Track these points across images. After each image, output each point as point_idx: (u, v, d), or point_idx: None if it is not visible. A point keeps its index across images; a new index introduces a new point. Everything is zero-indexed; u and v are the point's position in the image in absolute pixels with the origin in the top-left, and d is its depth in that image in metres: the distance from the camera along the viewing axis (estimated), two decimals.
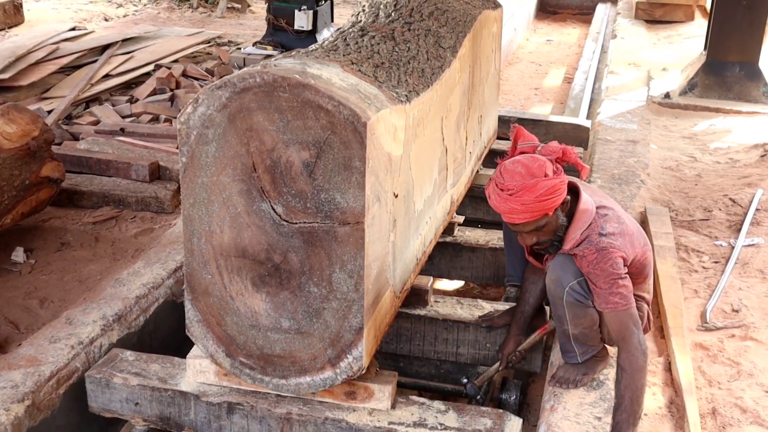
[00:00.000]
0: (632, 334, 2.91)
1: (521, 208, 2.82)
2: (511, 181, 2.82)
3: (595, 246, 2.87)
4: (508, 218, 2.89)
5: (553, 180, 2.83)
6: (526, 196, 2.80)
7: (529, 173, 2.82)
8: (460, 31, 4.07)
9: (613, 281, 2.87)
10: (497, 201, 2.87)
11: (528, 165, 2.84)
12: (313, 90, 2.57)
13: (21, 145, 4.10)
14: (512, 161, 2.89)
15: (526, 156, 2.91)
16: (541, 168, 2.83)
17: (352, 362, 2.81)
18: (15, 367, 3.16)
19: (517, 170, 2.84)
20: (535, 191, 2.80)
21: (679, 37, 9.90)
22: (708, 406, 3.13)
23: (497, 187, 2.86)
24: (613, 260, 2.86)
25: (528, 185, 2.80)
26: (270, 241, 2.75)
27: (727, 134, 6.39)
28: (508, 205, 2.83)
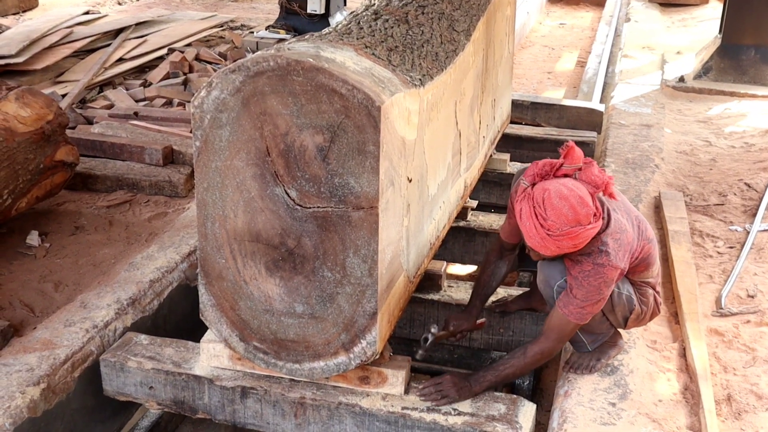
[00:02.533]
0: (557, 340, 2.93)
1: (555, 249, 2.74)
2: (556, 222, 2.68)
3: (593, 260, 2.81)
4: (535, 247, 2.78)
5: (594, 229, 2.72)
6: (566, 242, 2.71)
7: (576, 220, 2.68)
8: (473, 14, 4.04)
9: (588, 298, 2.83)
10: (532, 232, 2.74)
11: (577, 210, 2.68)
12: (327, 74, 2.56)
13: (35, 129, 4.11)
14: (559, 196, 2.69)
15: (575, 194, 2.70)
16: (588, 217, 2.70)
17: (366, 347, 2.81)
18: (30, 351, 3.18)
19: (563, 211, 2.68)
20: (576, 240, 2.71)
21: (694, 20, 9.80)
22: (723, 393, 3.11)
23: (536, 218, 2.72)
24: (604, 280, 2.82)
25: (572, 233, 2.69)
26: (284, 225, 2.74)
27: (742, 118, 6.33)
28: (543, 243, 2.73)
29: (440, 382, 3.00)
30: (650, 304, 3.11)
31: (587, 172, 2.80)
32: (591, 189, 2.77)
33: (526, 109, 6.40)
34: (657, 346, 3.37)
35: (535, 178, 2.83)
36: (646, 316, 3.13)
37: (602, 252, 2.80)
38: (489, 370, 3.01)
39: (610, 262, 2.81)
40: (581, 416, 2.91)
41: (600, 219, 2.76)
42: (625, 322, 3.09)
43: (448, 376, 3.02)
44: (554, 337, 2.93)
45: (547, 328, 2.95)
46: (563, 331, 2.93)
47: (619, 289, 3.00)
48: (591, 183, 2.78)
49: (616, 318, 3.07)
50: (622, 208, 2.98)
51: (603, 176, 2.80)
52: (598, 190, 2.78)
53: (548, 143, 5.57)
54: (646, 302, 3.09)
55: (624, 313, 3.06)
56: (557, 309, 2.90)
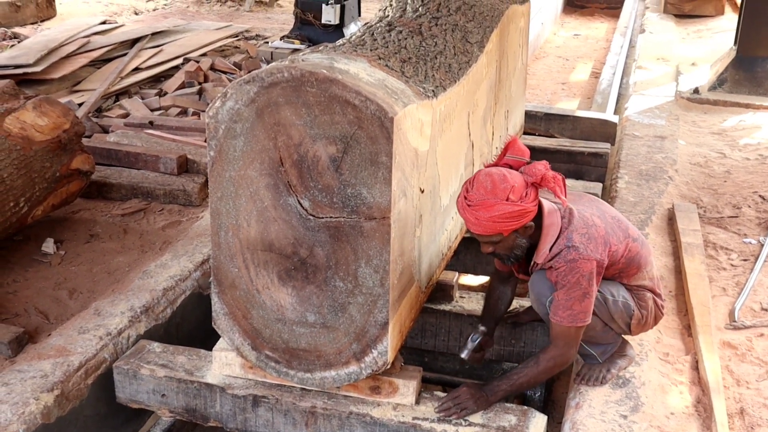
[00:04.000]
0: (562, 345, 2.93)
1: (474, 221, 2.80)
2: (475, 193, 2.78)
3: (563, 259, 2.86)
4: (466, 225, 2.88)
5: (513, 206, 2.77)
6: (482, 213, 2.77)
7: (493, 192, 2.76)
8: (487, 26, 4.06)
9: (572, 296, 2.85)
10: (459, 206, 2.85)
11: (496, 183, 2.77)
12: (341, 85, 2.58)
13: (52, 138, 4.15)
14: (487, 172, 2.83)
15: (500, 172, 2.81)
16: (506, 190, 2.76)
17: (377, 357, 2.82)
18: (45, 357, 3.21)
19: (484, 184, 2.78)
20: (490, 211, 2.76)
21: (709, 31, 9.78)
22: (736, 406, 3.10)
23: (464, 191, 2.83)
24: (581, 273, 2.84)
25: (486, 203, 2.76)
26: (296, 235, 2.76)
27: (757, 130, 6.31)
28: (465, 213, 2.82)
29: (458, 395, 3.00)
30: (650, 308, 3.10)
31: (531, 166, 2.87)
32: (528, 179, 2.83)
33: (540, 120, 6.39)
34: (669, 358, 3.36)
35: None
36: (648, 320, 3.12)
37: (569, 248, 2.85)
38: (503, 380, 3.02)
39: (581, 255, 2.84)
40: (592, 428, 2.90)
41: (529, 202, 2.80)
42: (629, 329, 3.09)
43: (465, 388, 3.03)
44: (561, 344, 2.94)
45: (552, 338, 2.97)
46: (568, 336, 2.93)
47: (614, 296, 3.01)
48: (531, 174, 2.84)
49: (618, 326, 3.07)
50: (594, 210, 3.01)
51: (544, 170, 2.84)
52: (534, 179, 2.82)
53: (561, 154, 5.57)
54: (645, 306, 3.08)
55: (624, 319, 3.06)
56: (551, 319, 2.92)
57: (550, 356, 2.95)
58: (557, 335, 2.94)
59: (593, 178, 5.48)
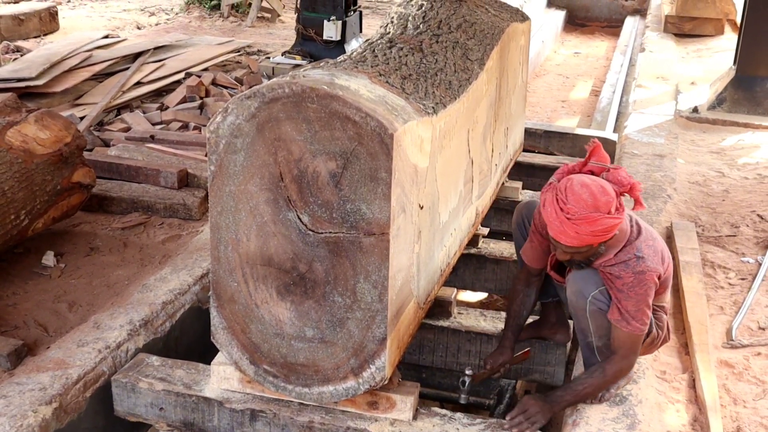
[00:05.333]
0: (632, 354, 2.98)
1: (573, 235, 2.77)
2: (575, 206, 2.74)
3: (632, 269, 2.85)
4: (555, 235, 2.83)
5: (614, 219, 2.76)
6: (584, 227, 2.74)
7: (595, 206, 2.73)
8: (487, 43, 4.09)
9: (641, 307, 2.88)
10: (552, 217, 2.80)
11: (597, 196, 2.74)
12: (341, 101, 2.60)
13: (54, 151, 4.17)
14: (581, 183, 2.78)
15: (597, 184, 2.78)
16: (608, 204, 2.75)
17: (375, 372, 2.82)
18: (43, 370, 3.21)
19: (583, 197, 2.74)
20: (594, 225, 2.74)
21: (709, 51, 9.83)
22: (733, 425, 3.10)
23: (557, 203, 2.78)
24: (648, 285, 2.87)
25: (590, 218, 2.73)
26: (295, 250, 2.77)
27: (756, 150, 6.33)
28: (563, 227, 2.77)
29: (526, 408, 2.98)
30: (664, 329, 3.14)
31: (614, 173, 2.87)
32: (616, 188, 2.83)
33: (540, 137, 6.43)
34: (666, 376, 3.37)
35: (562, 175, 2.91)
36: (658, 341, 3.15)
37: (639, 258, 2.86)
38: (567, 391, 3.03)
39: (649, 267, 2.86)
40: None
41: (622, 213, 2.80)
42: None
43: (531, 400, 3.01)
44: (628, 352, 2.97)
45: (618, 347, 2.96)
46: (634, 345, 2.96)
47: None
48: (617, 183, 2.84)
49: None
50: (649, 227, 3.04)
51: (630, 178, 2.86)
52: (623, 189, 2.83)
53: None
54: (661, 326, 3.12)
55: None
56: (621, 330, 2.91)
57: (618, 368, 2.98)
58: (624, 343, 2.94)
59: None
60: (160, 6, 11.90)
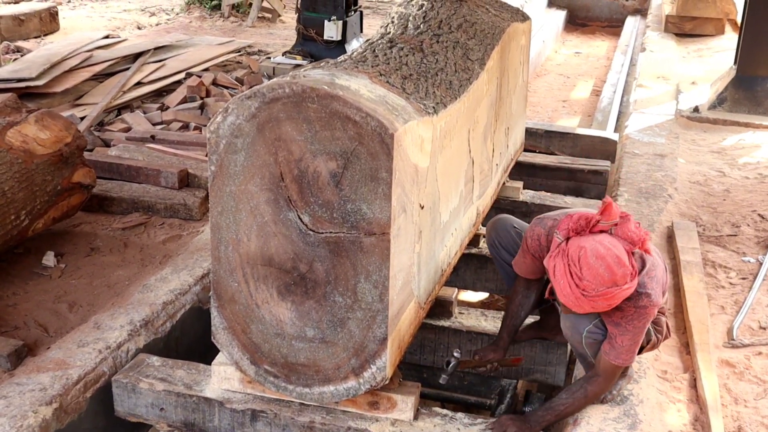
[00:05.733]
0: (614, 378, 3.00)
1: (588, 309, 2.72)
2: (591, 282, 2.64)
3: (634, 304, 2.78)
4: (569, 305, 2.74)
5: (630, 288, 2.69)
6: (601, 302, 2.68)
7: (613, 280, 2.64)
8: (488, 43, 4.08)
9: (636, 340, 2.88)
10: (566, 291, 2.70)
11: (614, 270, 2.63)
12: (341, 101, 2.60)
13: (54, 151, 4.17)
14: (596, 256, 2.64)
15: (612, 254, 2.65)
16: (625, 276, 2.65)
17: (376, 372, 2.82)
18: (43, 370, 3.21)
19: (599, 271, 2.63)
20: (611, 300, 2.67)
21: (709, 50, 9.82)
22: (734, 425, 3.10)
23: (571, 277, 2.67)
24: (647, 319, 2.85)
25: (608, 294, 2.65)
26: (296, 250, 2.77)
27: (757, 149, 6.33)
28: (578, 302, 2.70)
29: (504, 429, 2.95)
30: (663, 332, 3.14)
31: (624, 228, 2.75)
32: (627, 246, 2.72)
33: (540, 137, 6.43)
34: (667, 376, 3.36)
35: (569, 232, 2.77)
36: (658, 344, 3.15)
37: (642, 294, 2.78)
38: (548, 411, 3.01)
39: (651, 302, 2.81)
40: None
41: (636, 277, 2.72)
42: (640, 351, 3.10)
43: (509, 420, 2.98)
44: (610, 376, 2.98)
45: (602, 371, 2.96)
46: (618, 370, 2.98)
47: None
48: (627, 239, 2.73)
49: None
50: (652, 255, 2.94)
51: (639, 232, 2.75)
52: (634, 246, 2.73)
53: (562, 172, 5.59)
54: (660, 330, 3.11)
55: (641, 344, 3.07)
56: (610, 361, 2.90)
57: (599, 390, 3.00)
58: (609, 370, 2.96)
59: (593, 196, 5.50)
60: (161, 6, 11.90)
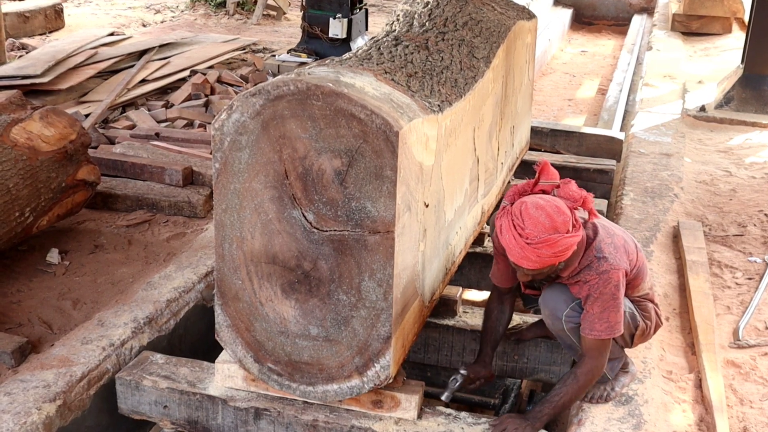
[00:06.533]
0: (599, 356, 2.93)
1: (535, 259, 2.73)
2: (533, 230, 2.70)
3: (595, 271, 2.83)
4: (516, 260, 2.79)
5: (573, 237, 2.73)
6: (545, 250, 2.71)
7: (553, 227, 2.70)
8: (494, 41, 4.07)
9: (607, 307, 2.85)
10: (511, 243, 2.75)
11: (553, 217, 2.71)
12: (346, 99, 2.59)
13: (58, 148, 4.17)
14: (535, 206, 2.74)
15: (551, 204, 2.74)
16: (566, 224, 2.72)
17: (380, 371, 2.81)
18: (47, 367, 3.21)
19: (540, 219, 2.70)
20: (554, 247, 2.71)
21: (716, 49, 9.79)
22: (739, 425, 3.08)
23: (514, 229, 2.74)
24: (614, 283, 2.84)
25: (549, 240, 2.69)
26: (300, 248, 2.76)
27: (763, 149, 6.31)
28: (523, 252, 2.73)
29: (504, 427, 2.94)
30: (653, 318, 3.11)
31: (565, 189, 2.86)
32: (569, 203, 2.81)
33: (546, 136, 6.40)
34: (673, 376, 3.35)
35: (514, 197, 2.88)
36: (650, 330, 3.12)
37: (600, 259, 2.84)
38: (545, 404, 2.98)
39: (612, 266, 2.84)
40: None
41: (580, 229, 2.78)
42: (631, 341, 3.08)
43: (509, 419, 2.97)
44: (596, 355, 2.93)
45: (586, 350, 2.94)
46: (602, 347, 2.93)
47: None
48: (569, 198, 2.82)
49: (623, 338, 3.06)
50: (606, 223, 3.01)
51: (581, 192, 2.84)
52: (576, 204, 2.82)
53: (567, 170, 5.56)
54: (648, 317, 3.09)
55: (630, 330, 3.05)
56: (586, 337, 2.89)
57: (588, 369, 2.93)
58: (591, 348, 2.92)
59: (598, 195, 5.47)
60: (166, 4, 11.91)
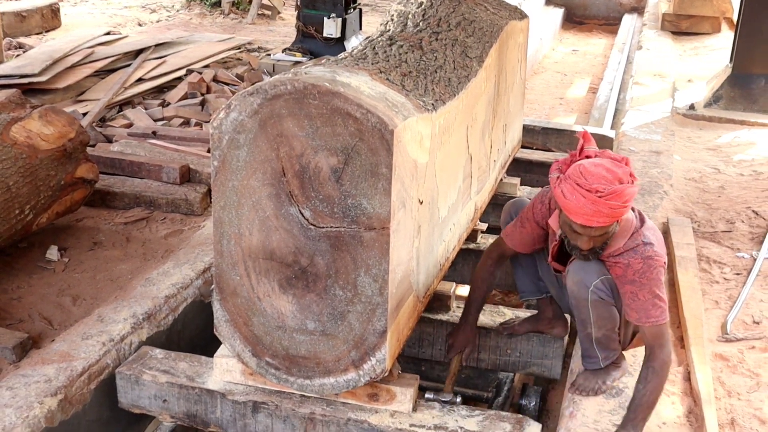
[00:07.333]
0: (667, 343, 2.94)
1: (607, 212, 2.78)
2: (600, 184, 2.77)
3: (641, 255, 2.90)
4: (587, 220, 2.81)
5: (635, 188, 2.83)
6: (615, 201, 2.76)
7: (617, 178, 2.79)
8: (486, 41, 4.14)
9: (655, 293, 2.91)
10: (581, 202, 2.79)
11: (613, 170, 2.80)
12: (342, 98, 2.65)
13: (57, 147, 4.22)
14: (593, 164, 2.83)
15: (606, 160, 2.86)
16: (626, 174, 2.82)
17: (375, 365, 2.87)
18: (48, 362, 3.26)
19: (603, 174, 2.79)
20: (622, 197, 2.77)
21: (706, 48, 9.88)
22: (727, 417, 3.16)
23: (581, 187, 2.79)
24: (658, 270, 2.91)
25: (618, 190, 2.76)
26: (297, 244, 2.82)
27: (752, 146, 6.39)
28: (596, 207, 2.77)
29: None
30: None
31: (606, 153, 2.96)
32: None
33: (537, 134, 6.48)
34: None
35: (562, 168, 2.94)
36: None
37: (646, 245, 2.92)
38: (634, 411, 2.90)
39: (657, 253, 2.91)
40: None
41: (635, 179, 2.85)
42: (629, 341, 3.15)
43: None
44: (663, 342, 2.94)
45: (650, 345, 2.95)
46: (665, 332, 2.94)
47: None
48: (613, 159, 2.91)
49: (625, 334, 3.13)
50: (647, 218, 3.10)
51: (620, 155, 2.94)
52: (621, 163, 2.89)
53: None
54: None
55: (634, 329, 3.12)
56: (645, 327, 2.93)
57: (661, 359, 2.92)
58: (655, 336, 2.93)
59: None
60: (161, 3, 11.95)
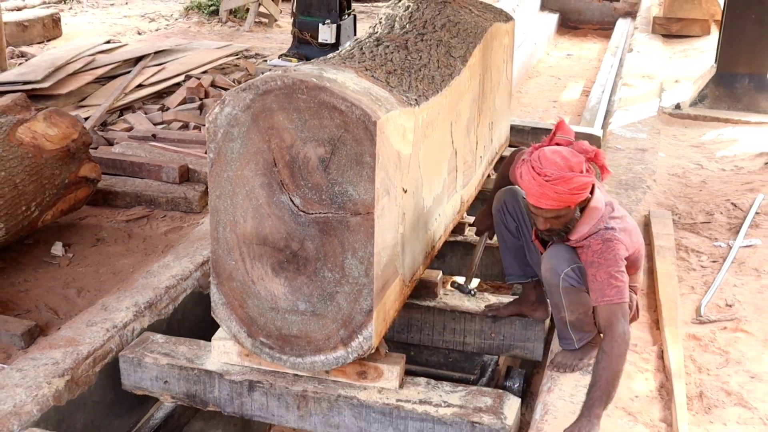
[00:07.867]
0: (618, 323, 3.03)
1: (553, 196, 3.04)
2: (550, 169, 3.02)
3: (600, 237, 3.13)
4: (536, 201, 3.08)
5: (586, 178, 3.06)
6: (561, 186, 3.02)
7: (568, 166, 3.03)
8: (470, 42, 4.33)
9: (612, 273, 3.08)
10: (531, 183, 3.06)
11: (567, 158, 3.05)
12: (329, 92, 2.85)
13: (61, 147, 4.41)
14: (552, 150, 3.09)
15: (565, 149, 3.11)
16: (579, 164, 3.06)
17: (363, 342, 3.06)
18: (55, 347, 3.45)
19: (556, 160, 3.04)
20: (569, 184, 3.02)
21: (695, 51, 10.08)
22: (696, 390, 3.33)
23: (533, 170, 3.05)
24: (616, 251, 3.11)
25: (565, 177, 3.02)
26: (288, 230, 3.01)
27: (734, 143, 6.58)
28: (542, 189, 3.04)
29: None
30: (633, 307, 3.36)
31: (578, 144, 3.18)
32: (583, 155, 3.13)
33: (527, 134, 6.66)
34: (637, 348, 3.59)
35: (533, 151, 3.18)
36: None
37: (608, 229, 3.14)
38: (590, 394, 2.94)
39: (615, 236, 3.12)
40: (561, 409, 3.13)
41: (592, 174, 3.08)
42: None
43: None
44: (616, 321, 3.01)
45: (605, 325, 3.04)
46: (619, 311, 3.04)
47: None
48: (582, 151, 3.14)
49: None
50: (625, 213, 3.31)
51: (594, 148, 3.16)
52: (588, 156, 3.13)
53: None
54: (630, 306, 3.32)
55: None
56: (600, 306, 3.07)
57: (612, 339, 2.99)
58: (609, 315, 3.03)
59: None
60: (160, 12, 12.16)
